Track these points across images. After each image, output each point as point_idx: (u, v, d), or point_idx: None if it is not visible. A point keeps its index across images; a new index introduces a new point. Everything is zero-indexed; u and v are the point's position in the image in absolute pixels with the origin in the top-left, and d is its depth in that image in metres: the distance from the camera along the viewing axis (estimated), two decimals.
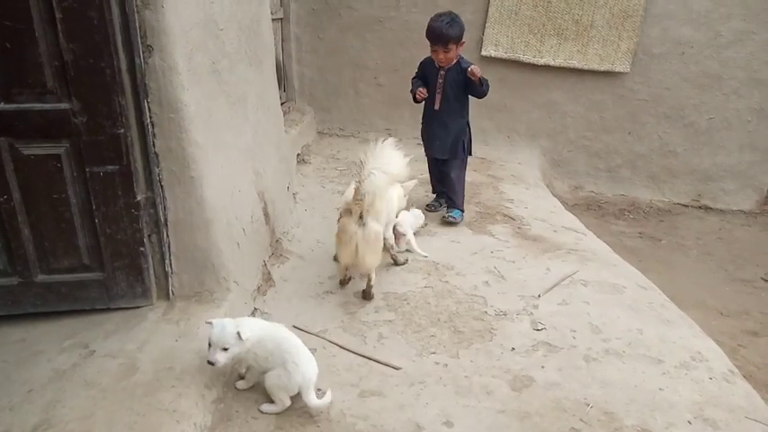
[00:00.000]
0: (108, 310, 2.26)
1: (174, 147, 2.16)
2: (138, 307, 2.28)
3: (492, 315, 2.61)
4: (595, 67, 5.27)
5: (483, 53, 5.31)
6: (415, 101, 3.70)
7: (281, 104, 5.66)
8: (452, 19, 3.35)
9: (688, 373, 2.22)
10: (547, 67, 5.37)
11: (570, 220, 4.11)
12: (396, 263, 3.06)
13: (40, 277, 2.17)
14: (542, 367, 2.24)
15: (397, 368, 2.19)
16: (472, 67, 3.38)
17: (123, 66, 2.00)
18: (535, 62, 5.31)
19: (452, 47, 3.37)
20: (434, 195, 4.03)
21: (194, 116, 2.20)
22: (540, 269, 3.08)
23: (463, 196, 3.77)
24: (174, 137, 2.15)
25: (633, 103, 5.47)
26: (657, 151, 5.62)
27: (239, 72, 2.91)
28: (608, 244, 3.82)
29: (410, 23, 5.41)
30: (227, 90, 2.68)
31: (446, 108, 3.58)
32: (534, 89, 5.51)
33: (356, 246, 2.52)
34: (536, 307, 2.69)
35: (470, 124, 3.72)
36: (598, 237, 3.94)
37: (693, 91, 5.35)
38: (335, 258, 2.92)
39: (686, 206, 5.72)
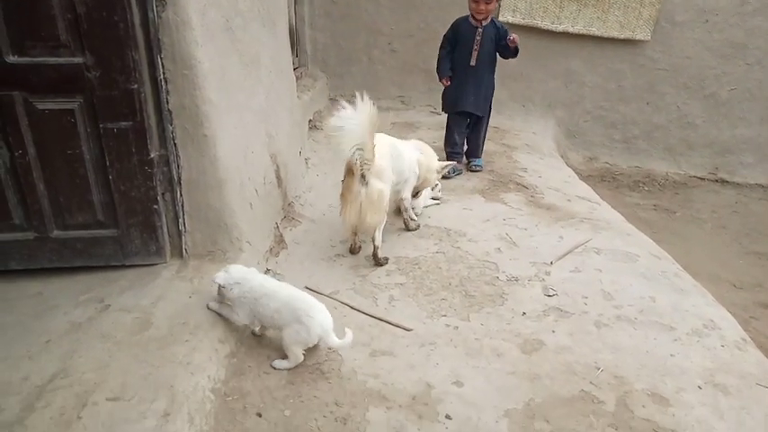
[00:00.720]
0: (122, 266, 2.29)
1: (187, 104, 2.15)
2: (152, 264, 2.30)
3: (503, 280, 2.60)
4: (615, 34, 5.14)
5: (500, 18, 5.18)
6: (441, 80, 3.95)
7: (294, 69, 5.61)
8: None
9: (700, 341, 2.21)
10: (565, 35, 5.25)
11: (584, 189, 4.06)
12: (407, 228, 3.06)
13: (56, 233, 2.19)
14: (553, 332, 2.24)
15: (408, 329, 2.21)
16: (514, 36, 3.64)
17: (137, 20, 1.98)
18: (553, 29, 5.19)
19: (491, 0, 3.63)
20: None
21: (208, 73, 2.17)
22: (552, 237, 3.06)
23: (483, 147, 4.15)
24: (187, 94, 2.13)
25: (653, 73, 5.35)
26: (676, 122, 5.52)
27: (252, 31, 2.86)
28: (622, 215, 3.78)
29: None
30: (241, 49, 2.64)
31: (481, 64, 3.80)
32: (551, 57, 5.40)
33: (360, 204, 2.54)
34: (548, 273, 2.68)
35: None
36: (613, 208, 3.90)
37: (716, 60, 5.21)
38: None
39: (702, 179, 5.63)
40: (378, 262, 2.69)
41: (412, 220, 3.07)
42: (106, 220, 2.22)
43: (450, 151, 4.04)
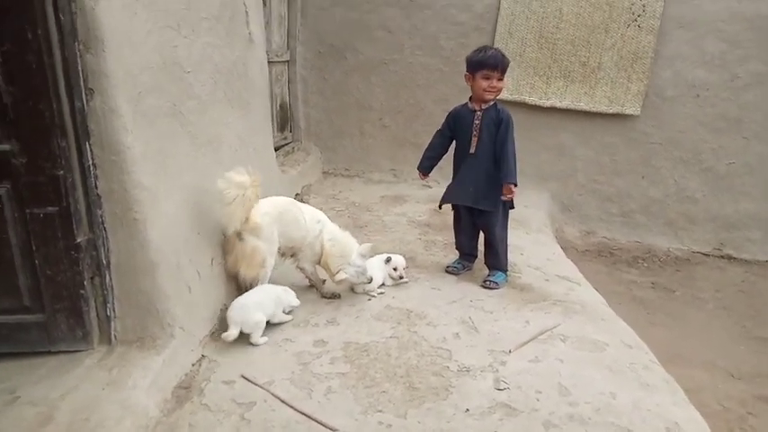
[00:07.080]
0: (48, 353, 2.22)
1: (116, 188, 2.14)
2: (78, 351, 2.23)
3: (454, 371, 2.44)
4: (604, 109, 5.12)
5: None
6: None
7: (287, 144, 5.72)
8: (499, 51, 3.21)
9: None
10: (555, 109, 5.25)
11: (567, 268, 3.89)
12: (321, 295, 3.15)
13: None
14: None
15: (334, 429, 2.05)
16: (510, 196, 3.25)
17: (65, 108, 2.01)
18: (541, 104, 5.20)
19: (503, 77, 3.19)
20: (456, 257, 3.65)
21: (140, 158, 2.18)
22: (518, 321, 2.90)
23: (506, 257, 3.46)
24: (116, 179, 2.13)
25: (646, 147, 5.25)
26: (674, 196, 5.35)
27: (213, 114, 2.92)
28: (616, 294, 3.59)
29: (414, 65, 5.42)
30: (193, 131, 2.68)
31: (482, 151, 3.28)
32: (542, 131, 5.38)
33: (235, 257, 2.80)
34: (503, 363, 2.50)
35: None
36: (606, 285, 3.73)
37: (710, 135, 5.10)
38: None
39: (707, 255, 5.38)
40: None
41: (322, 288, 3.18)
42: (32, 305, 2.18)
43: (459, 254, 3.65)
